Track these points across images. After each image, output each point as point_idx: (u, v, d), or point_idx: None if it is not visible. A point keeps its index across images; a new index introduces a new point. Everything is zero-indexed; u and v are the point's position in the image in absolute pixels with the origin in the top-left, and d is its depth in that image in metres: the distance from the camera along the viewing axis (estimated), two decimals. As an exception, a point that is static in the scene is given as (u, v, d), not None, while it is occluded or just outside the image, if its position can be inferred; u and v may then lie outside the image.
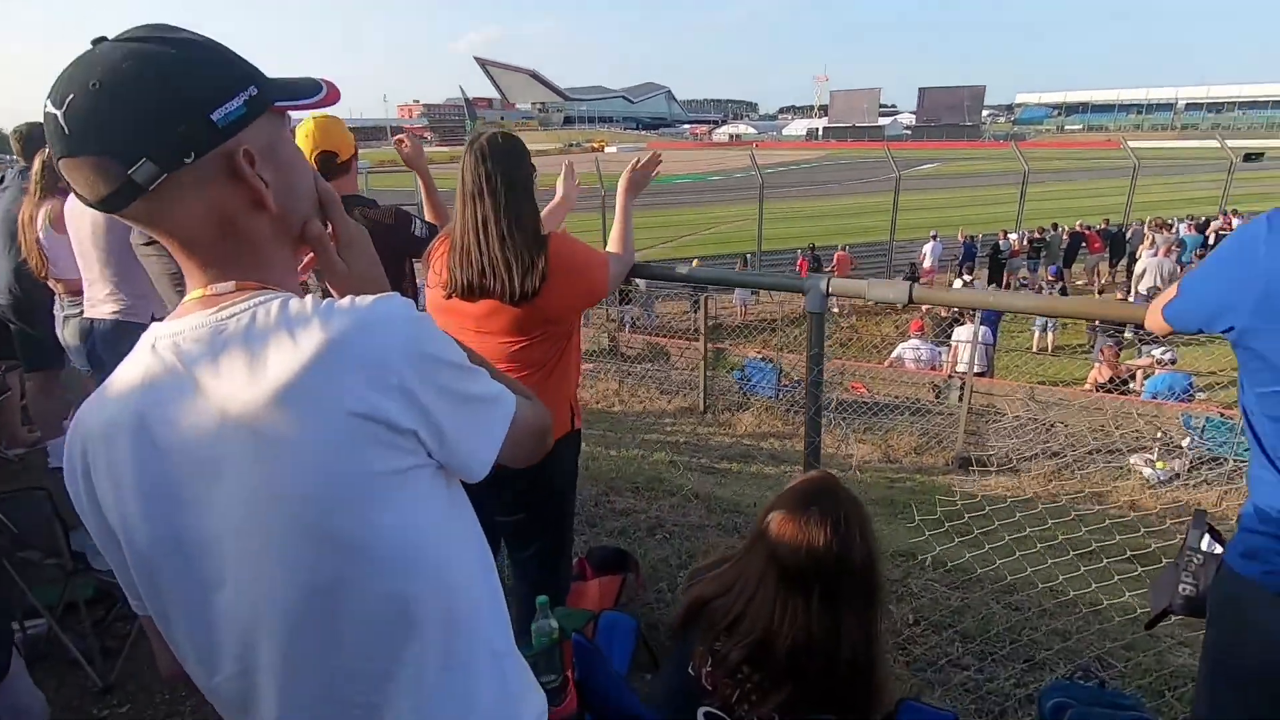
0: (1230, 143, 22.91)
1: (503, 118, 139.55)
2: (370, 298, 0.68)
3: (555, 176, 2.17)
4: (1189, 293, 1.19)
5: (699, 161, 61.65)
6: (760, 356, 7.84)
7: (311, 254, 0.82)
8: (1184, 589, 1.41)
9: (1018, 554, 2.73)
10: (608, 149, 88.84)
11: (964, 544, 4.28)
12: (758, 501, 3.56)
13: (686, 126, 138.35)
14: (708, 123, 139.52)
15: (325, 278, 0.82)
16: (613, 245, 1.86)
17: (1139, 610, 2.35)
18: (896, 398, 7.71)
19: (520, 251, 1.53)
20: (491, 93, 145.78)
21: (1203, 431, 5.89)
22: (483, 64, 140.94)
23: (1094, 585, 2.47)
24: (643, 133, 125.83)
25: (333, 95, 0.77)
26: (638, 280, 12.89)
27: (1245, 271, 1.07)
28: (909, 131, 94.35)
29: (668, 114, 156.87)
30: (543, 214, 2.02)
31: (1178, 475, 5.95)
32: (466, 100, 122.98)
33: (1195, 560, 1.42)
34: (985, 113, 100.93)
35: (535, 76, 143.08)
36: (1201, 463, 5.96)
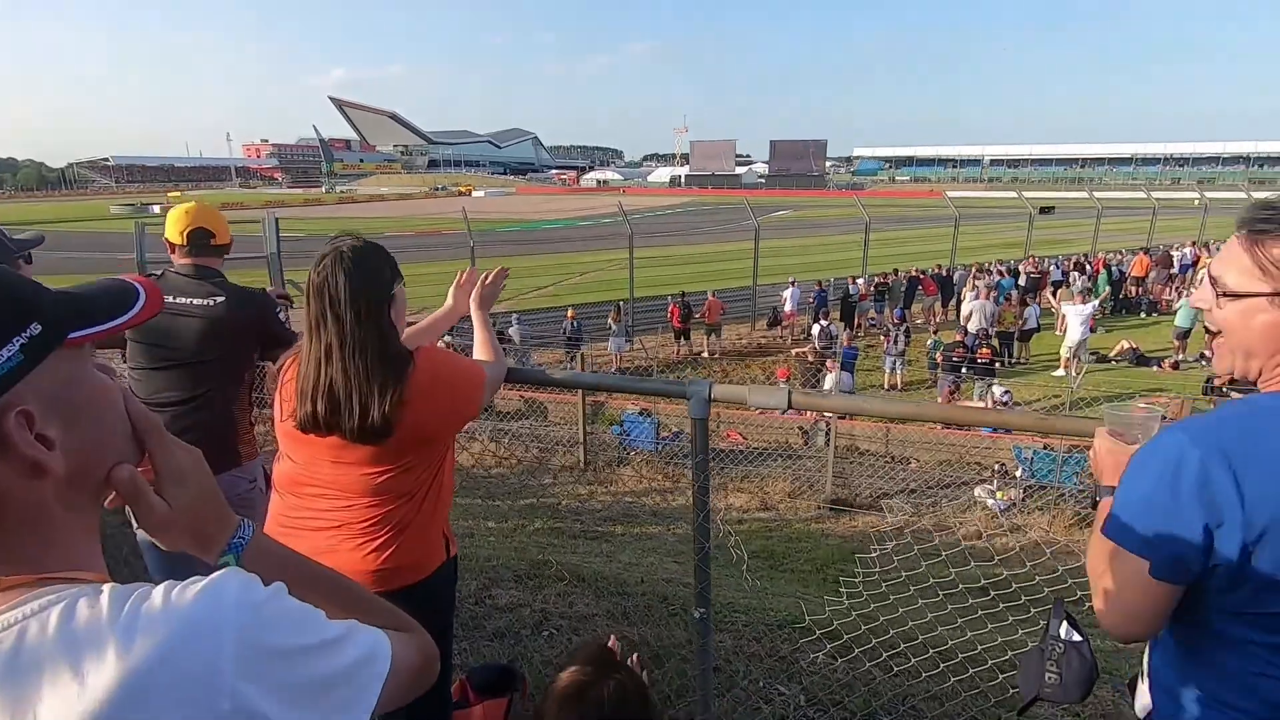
0: (1026, 194, 26.59)
1: (362, 160, 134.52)
2: (191, 593, 0.53)
3: (429, 221, 2.03)
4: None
5: (566, 207, 62.49)
6: (638, 409, 7.88)
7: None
8: (1049, 677, 1.50)
9: (892, 599, 2.84)
10: (475, 193, 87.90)
11: (858, 594, 4.46)
12: (644, 578, 3.49)
13: (554, 172, 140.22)
14: (574, 168, 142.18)
15: (140, 523, 0.65)
16: (481, 354, 1.76)
17: (1009, 653, 2.50)
18: (768, 444, 8.01)
19: (369, 383, 1.36)
20: (349, 134, 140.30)
21: (1031, 463, 6.57)
22: (339, 104, 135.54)
23: (962, 624, 2.60)
24: (510, 177, 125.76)
25: (152, 304, 0.62)
26: (510, 332, 12.69)
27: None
28: (763, 180, 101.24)
29: (535, 159, 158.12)
30: (423, 324, 1.90)
31: (1014, 503, 6.58)
32: (322, 141, 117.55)
33: (1058, 649, 1.51)
34: (829, 164, 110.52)
35: (395, 118, 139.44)
36: (1032, 491, 6.65)
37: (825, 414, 8.48)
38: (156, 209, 55.37)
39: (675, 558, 4.90)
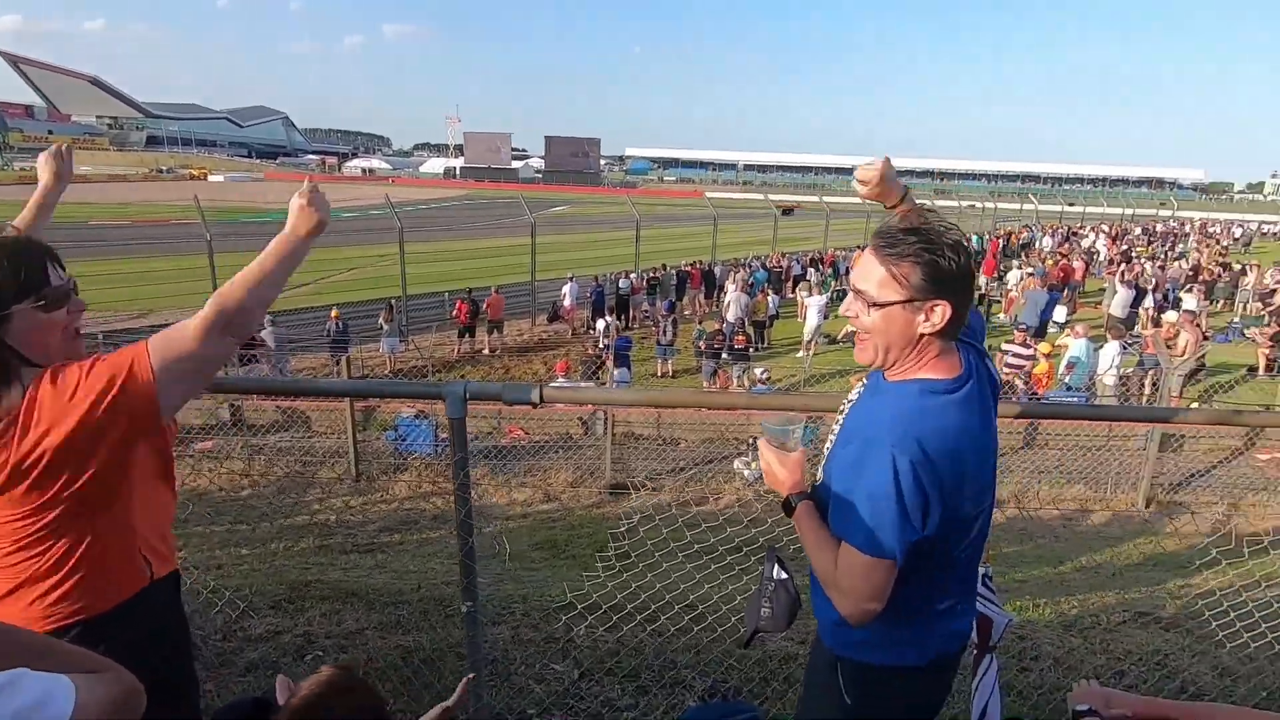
0: (772, 197, 30.01)
1: (52, 131, 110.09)
2: None
3: (149, 208, 1.78)
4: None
5: (328, 196, 57.03)
6: (414, 412, 7.56)
7: None
8: (764, 612, 1.79)
9: (665, 566, 3.12)
10: (212, 177, 76.68)
11: (617, 573, 4.74)
12: (420, 584, 3.42)
13: (311, 156, 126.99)
14: (335, 154, 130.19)
15: None
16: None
17: (735, 601, 2.88)
18: (550, 436, 8.18)
19: None
20: (29, 97, 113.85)
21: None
22: (14, 61, 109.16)
23: (724, 581, 2.95)
24: (257, 160, 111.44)
25: None
26: (264, 335, 11.37)
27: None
28: (540, 175, 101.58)
29: (287, 142, 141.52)
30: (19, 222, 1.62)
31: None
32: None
33: (770, 587, 1.80)
34: (603, 162, 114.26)
35: (97, 83, 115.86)
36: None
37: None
38: None
39: (456, 559, 4.84)
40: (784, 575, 1.83)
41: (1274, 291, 16.56)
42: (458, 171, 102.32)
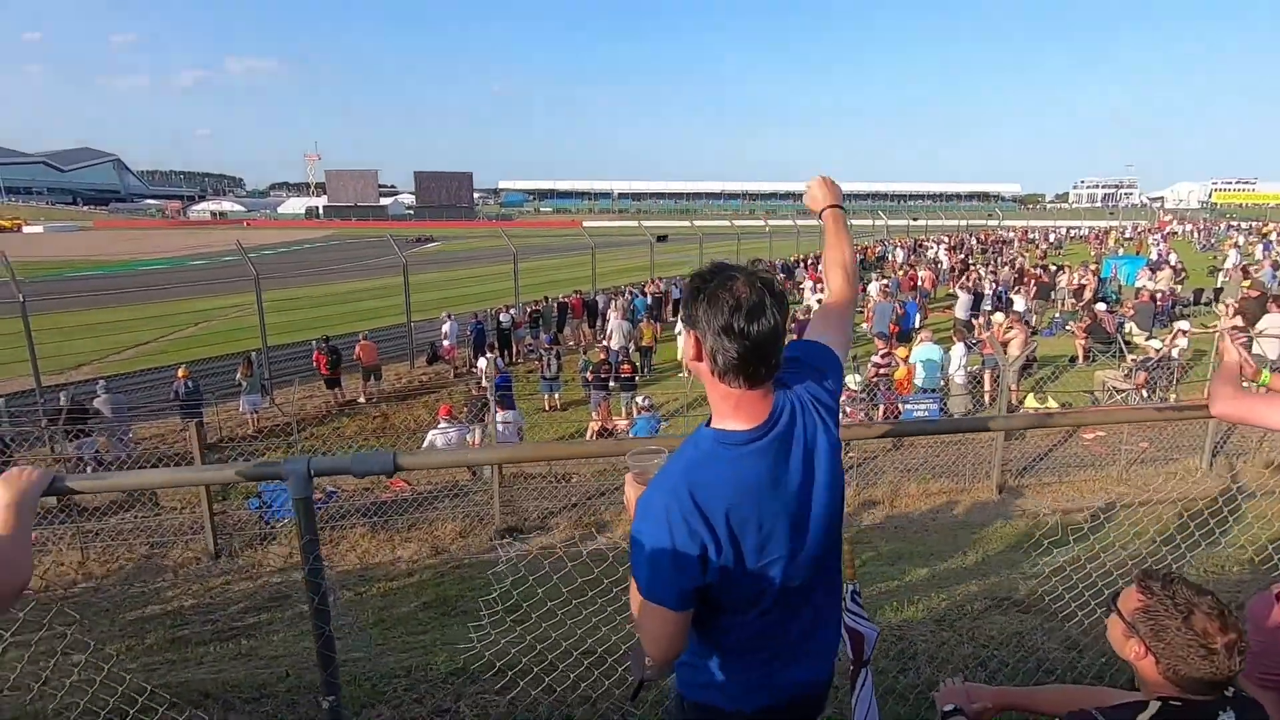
0: (646, 223, 30.79)
1: None
2: None
3: None
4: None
5: (171, 245, 52.44)
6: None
7: None
8: (647, 660, 1.76)
9: (558, 615, 3.02)
10: (28, 228, 68.25)
11: (509, 628, 4.56)
12: (292, 669, 3.12)
13: (151, 201, 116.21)
14: (179, 198, 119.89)
15: None
16: None
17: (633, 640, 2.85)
18: (436, 484, 7.82)
19: None
20: None
21: (666, 460, 7.59)
22: None
23: (603, 629, 2.90)
24: (86, 208, 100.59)
25: None
26: (98, 404, 10.14)
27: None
28: (411, 211, 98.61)
29: (120, 186, 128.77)
30: None
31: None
32: None
33: (651, 635, 1.79)
34: (476, 195, 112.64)
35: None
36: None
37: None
38: None
39: (338, 633, 4.47)
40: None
41: (1083, 288, 18.90)
42: (320, 211, 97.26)
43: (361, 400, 13.21)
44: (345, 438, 11.44)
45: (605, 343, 14.18)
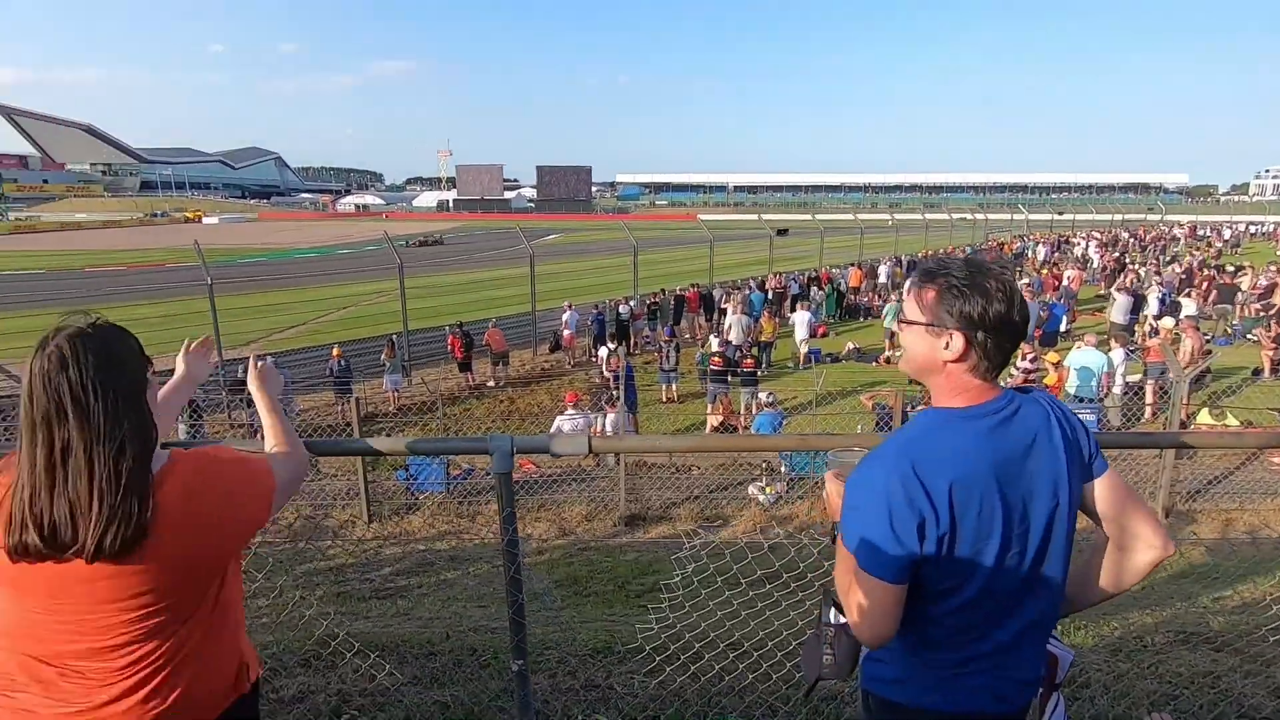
0: (765, 216, 30.22)
1: (46, 180, 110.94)
2: None
3: (141, 253, 1.78)
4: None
5: (321, 233, 57.49)
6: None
7: None
8: (826, 659, 1.74)
9: (686, 606, 3.05)
10: (207, 219, 77.18)
11: (645, 610, 4.65)
12: (449, 631, 3.36)
13: (306, 195, 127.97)
14: (329, 192, 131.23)
15: None
16: (275, 444, 1.53)
17: (781, 636, 2.82)
18: (562, 469, 8.11)
19: (118, 487, 1.13)
20: (23, 148, 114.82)
21: (791, 458, 7.46)
22: (8, 113, 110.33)
23: (746, 616, 2.89)
24: (251, 201, 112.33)
25: None
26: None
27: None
28: (532, 205, 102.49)
29: (280, 181, 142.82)
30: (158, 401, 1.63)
31: (781, 496, 7.42)
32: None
33: (829, 632, 1.76)
34: (594, 189, 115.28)
35: (92, 131, 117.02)
36: (794, 483, 7.56)
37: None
38: None
39: (478, 602, 4.75)
40: (843, 619, 1.80)
41: (1272, 290, 16.64)
42: (450, 204, 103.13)
43: (490, 384, 13.91)
44: (475, 418, 12.09)
45: (724, 336, 14.09)
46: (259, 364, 1.72)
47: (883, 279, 22.80)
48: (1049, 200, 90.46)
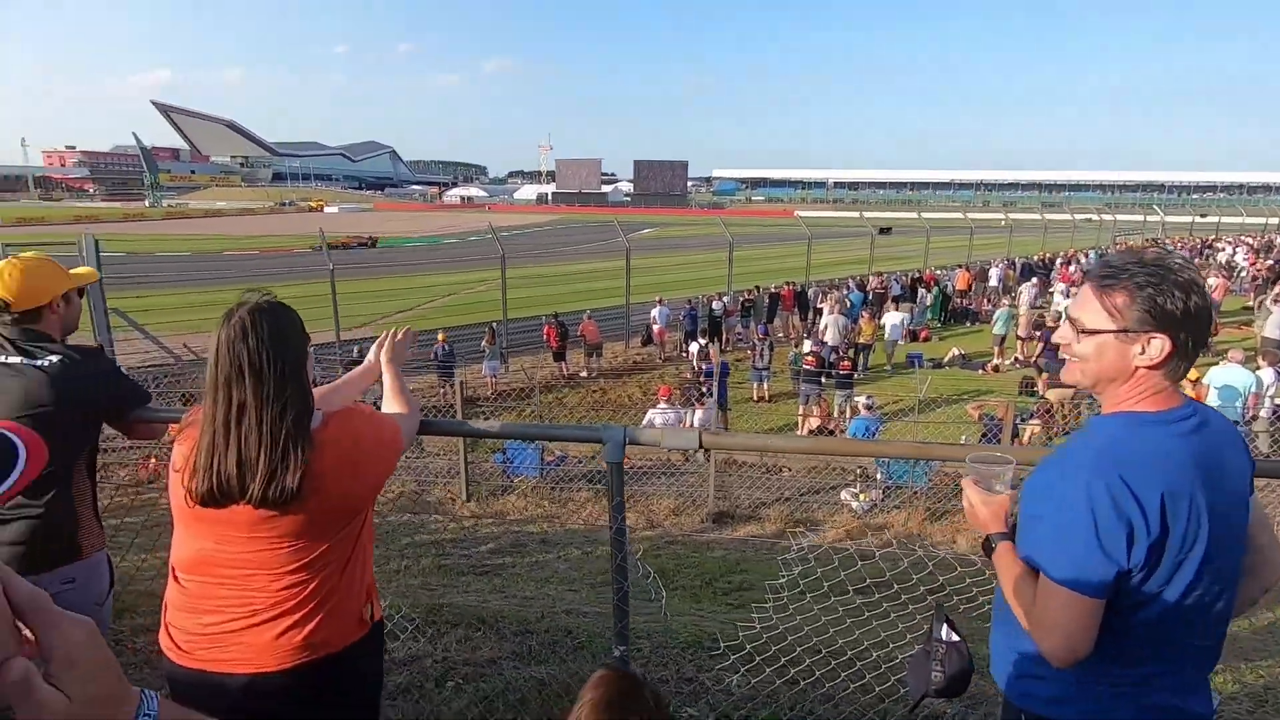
0: (866, 214, 29.15)
1: (194, 171, 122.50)
2: None
3: (271, 238, 1.96)
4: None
5: (429, 224, 60.43)
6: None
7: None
8: (935, 676, 1.69)
9: (791, 609, 3.01)
10: (328, 208, 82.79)
11: (733, 607, 4.63)
12: (545, 612, 3.47)
13: (415, 187, 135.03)
14: (437, 184, 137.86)
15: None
16: (394, 405, 1.72)
17: (888, 647, 2.74)
18: (651, 462, 8.18)
19: (285, 446, 1.31)
20: (176, 142, 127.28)
21: (889, 465, 7.20)
22: (165, 109, 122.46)
23: (849, 622, 2.82)
24: (367, 192, 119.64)
25: (36, 459, 0.55)
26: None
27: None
28: (629, 199, 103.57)
29: (393, 174, 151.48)
30: (336, 384, 1.82)
31: (875, 504, 7.18)
32: (143, 149, 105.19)
33: (940, 650, 1.70)
34: (690, 184, 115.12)
35: (233, 126, 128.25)
36: (890, 491, 7.28)
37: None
38: (-72, 223, 47.28)
39: (569, 585, 4.88)
40: (956, 637, 1.73)
41: None
42: (549, 197, 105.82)
43: (583, 374, 14.21)
44: (567, 407, 12.40)
45: (820, 336, 13.75)
46: (399, 334, 1.94)
47: (993, 282, 21.50)
48: (1188, 200, 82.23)
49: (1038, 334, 13.88)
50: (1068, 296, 18.05)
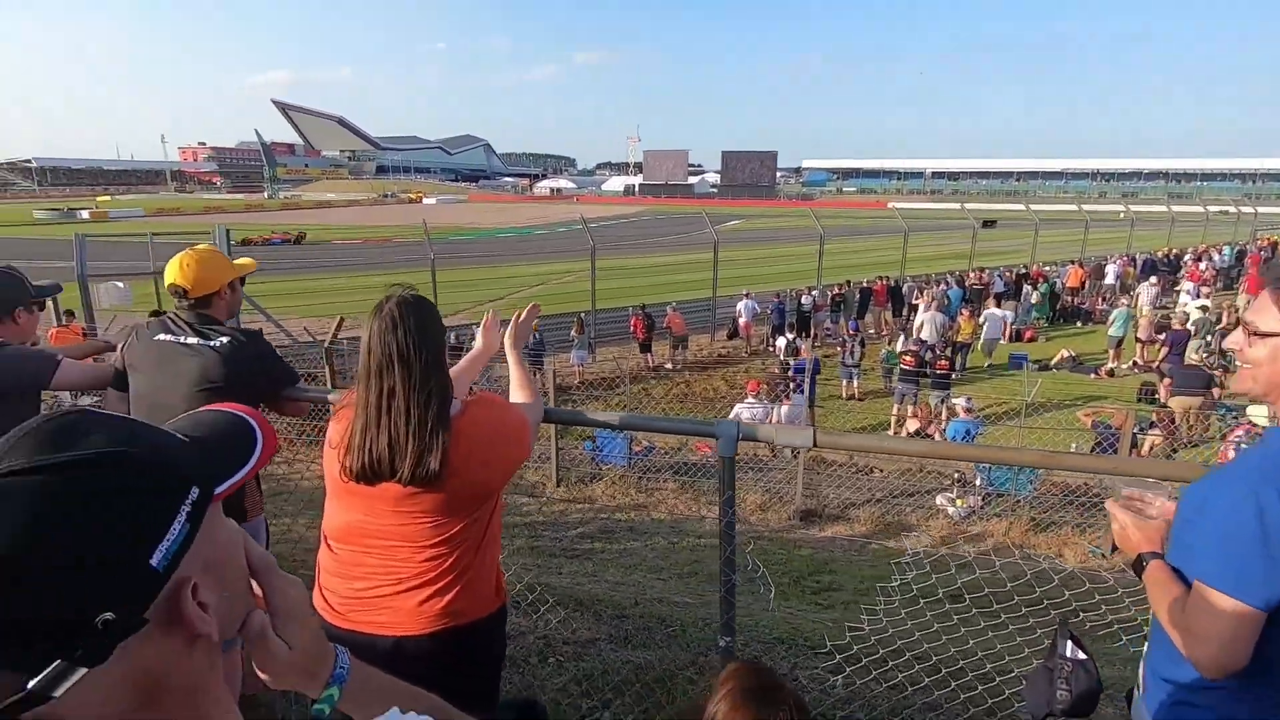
0: (967, 206, 27.64)
1: (307, 164, 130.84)
2: None
3: (376, 229, 2.07)
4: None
5: (520, 215, 62.09)
6: (609, 424, 7.90)
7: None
8: (1060, 694, 1.62)
9: (902, 614, 2.95)
10: (426, 200, 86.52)
11: (821, 607, 4.57)
12: (636, 598, 3.55)
13: (507, 179, 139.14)
14: (528, 176, 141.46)
15: (260, 668, 0.65)
16: (520, 395, 1.81)
17: (1004, 659, 2.64)
18: (741, 456, 8.14)
19: (430, 430, 1.41)
20: (292, 138, 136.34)
21: (989, 472, 6.87)
22: (283, 107, 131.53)
23: (970, 641, 2.73)
24: (463, 184, 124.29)
25: (270, 442, 0.62)
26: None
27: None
28: (715, 190, 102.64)
29: (487, 166, 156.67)
30: (459, 367, 1.93)
31: (974, 510, 6.87)
32: (264, 145, 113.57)
33: (1066, 667, 1.64)
34: (779, 174, 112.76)
35: (342, 123, 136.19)
36: (990, 498, 6.95)
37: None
38: (85, 214, 52.77)
39: (658, 574, 4.96)
40: (1082, 655, 1.66)
41: None
42: (637, 188, 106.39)
43: (669, 366, 14.27)
44: (653, 398, 12.49)
45: (916, 334, 13.22)
46: (521, 317, 2.01)
47: (1110, 279, 19.95)
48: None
49: (1160, 337, 12.83)
50: (1197, 296, 16.56)
